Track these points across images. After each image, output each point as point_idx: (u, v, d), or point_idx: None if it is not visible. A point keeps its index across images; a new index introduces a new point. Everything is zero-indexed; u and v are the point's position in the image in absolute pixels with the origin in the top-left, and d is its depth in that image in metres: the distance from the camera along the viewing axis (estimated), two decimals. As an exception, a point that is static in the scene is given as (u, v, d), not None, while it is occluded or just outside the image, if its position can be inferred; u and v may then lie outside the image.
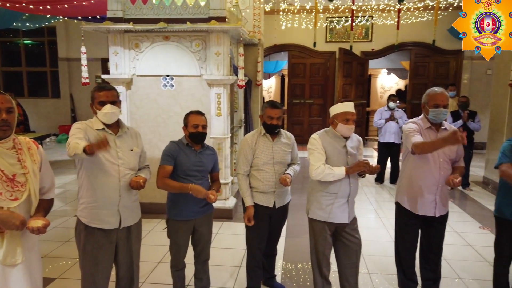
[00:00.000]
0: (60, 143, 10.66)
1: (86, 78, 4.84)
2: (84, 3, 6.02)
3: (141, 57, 4.90)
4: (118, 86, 4.85)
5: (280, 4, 9.27)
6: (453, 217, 4.99)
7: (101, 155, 2.41)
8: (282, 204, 3.16)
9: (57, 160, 8.64)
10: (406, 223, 3.17)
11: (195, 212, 2.91)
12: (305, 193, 3.12)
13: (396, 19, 7.27)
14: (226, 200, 5.10)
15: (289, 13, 9.86)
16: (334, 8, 9.45)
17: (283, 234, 4.34)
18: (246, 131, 6.29)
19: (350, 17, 7.40)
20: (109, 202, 2.47)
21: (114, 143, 2.48)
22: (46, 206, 2.18)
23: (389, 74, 13.92)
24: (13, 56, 12.10)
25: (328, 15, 10.25)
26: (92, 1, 5.89)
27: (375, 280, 3.63)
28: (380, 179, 7.11)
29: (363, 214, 5.41)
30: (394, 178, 6.88)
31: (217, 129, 4.89)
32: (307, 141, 2.93)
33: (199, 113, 2.96)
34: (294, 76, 10.95)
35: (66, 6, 6.16)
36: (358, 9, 9.46)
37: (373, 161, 7.15)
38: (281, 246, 4.20)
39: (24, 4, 5.87)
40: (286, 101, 11.69)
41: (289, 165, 3.17)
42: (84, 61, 4.84)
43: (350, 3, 7.40)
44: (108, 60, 4.93)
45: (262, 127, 3.10)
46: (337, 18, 10.37)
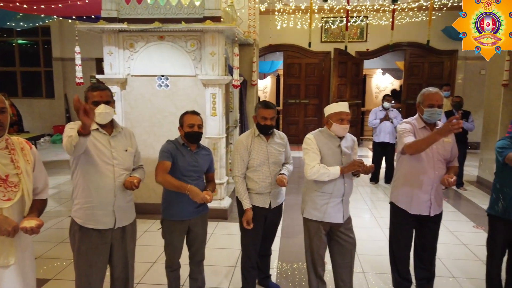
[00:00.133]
0: (54, 144, 10.60)
1: (81, 78, 4.82)
2: (78, 3, 6.00)
3: (135, 57, 4.89)
4: (113, 86, 4.83)
5: (275, 4, 9.28)
6: (447, 216, 5.02)
7: (96, 155, 2.40)
8: (277, 204, 3.17)
9: (51, 160, 8.59)
10: (400, 223, 3.18)
11: (190, 212, 2.91)
12: (300, 193, 3.12)
13: (390, 20, 7.30)
14: (221, 200, 5.09)
15: (284, 13, 9.87)
16: (329, 8, 9.47)
17: (279, 234, 4.34)
18: (242, 131, 6.28)
19: (345, 17, 7.43)
20: (104, 202, 2.46)
21: (109, 144, 2.48)
22: (39, 206, 2.17)
23: (384, 74, 13.97)
24: (6, 56, 12.01)
25: (323, 15, 10.27)
26: (86, 0, 5.87)
27: (370, 279, 3.65)
28: (375, 179, 7.14)
29: (358, 214, 5.43)
30: (389, 178, 6.92)
31: (212, 129, 4.88)
32: (303, 141, 2.94)
33: (195, 113, 2.96)
34: (290, 76, 10.96)
35: (60, 5, 6.13)
36: (353, 9, 9.49)
37: (368, 160, 7.17)
38: (276, 246, 4.20)
39: (18, 3, 5.83)
40: (281, 101, 11.71)
41: (282, 164, 3.17)
42: (78, 61, 4.82)
43: (345, 4, 7.41)
44: (102, 60, 4.91)
45: (256, 128, 3.09)
46: (332, 18, 10.39)
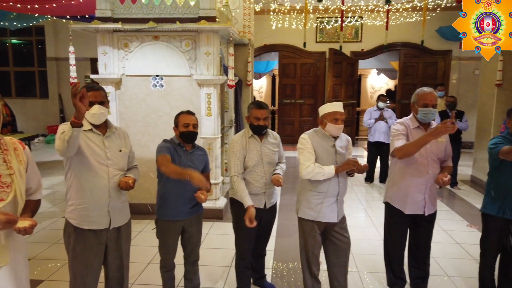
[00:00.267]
0: (48, 144, 10.54)
1: (75, 78, 4.80)
2: (72, 2, 5.97)
3: (130, 57, 4.87)
4: (107, 86, 4.81)
5: (270, 4, 9.28)
6: (441, 215, 5.05)
7: (90, 156, 2.39)
8: (271, 204, 3.17)
9: (45, 161, 8.54)
10: (395, 222, 3.20)
11: (185, 212, 2.91)
12: (295, 193, 3.13)
13: (385, 20, 7.33)
14: (216, 200, 5.09)
15: (279, 13, 9.88)
16: (324, 8, 9.50)
17: (274, 234, 4.35)
18: (237, 131, 6.28)
19: (340, 17, 7.45)
20: (98, 203, 2.45)
21: (103, 144, 2.47)
22: (33, 207, 2.16)
23: (379, 74, 14.03)
24: (0, 55, 11.92)
25: (318, 16, 10.29)
26: (80, 0, 5.84)
27: (365, 278, 3.66)
28: (369, 178, 7.17)
29: (353, 213, 5.45)
30: (383, 177, 6.94)
31: (207, 129, 4.88)
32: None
33: (190, 112, 2.96)
34: (285, 76, 10.97)
35: (54, 5, 6.10)
36: (348, 9, 9.51)
37: (363, 160, 7.20)
38: (271, 245, 4.21)
39: (11, 3, 5.79)
40: (277, 101, 11.72)
41: (276, 164, 3.17)
42: (72, 61, 4.79)
43: (340, 4, 7.44)
44: (97, 59, 4.90)
45: (249, 129, 3.07)
46: (327, 19, 10.42)
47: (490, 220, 3.03)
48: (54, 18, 8.25)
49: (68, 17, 7.34)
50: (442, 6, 8.99)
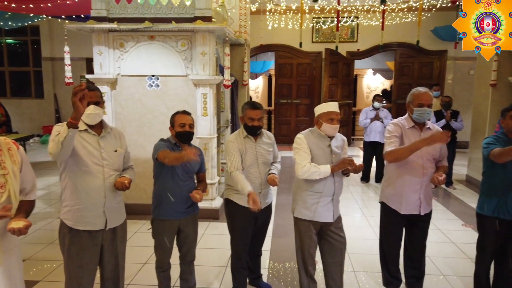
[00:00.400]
0: (44, 144, 10.48)
1: (70, 78, 4.79)
2: (67, 2, 5.94)
3: (126, 56, 4.86)
4: (103, 86, 4.80)
5: (266, 4, 9.29)
6: (436, 215, 5.07)
7: (85, 156, 2.38)
8: (266, 204, 3.17)
9: (40, 161, 8.49)
10: (391, 222, 3.21)
11: (180, 212, 2.90)
12: (292, 193, 3.13)
13: (381, 20, 7.35)
14: (212, 200, 5.08)
15: (275, 13, 9.89)
16: (320, 8, 9.51)
17: (270, 233, 4.36)
18: (233, 131, 6.27)
19: (336, 17, 7.47)
20: (94, 204, 2.44)
21: (98, 144, 2.46)
22: (27, 207, 2.15)
23: (375, 74, 14.07)
24: (-5, 55, 11.86)
25: (314, 16, 10.31)
26: (75, 0, 5.82)
27: (360, 278, 3.67)
28: (365, 178, 7.18)
29: (349, 213, 5.46)
30: (379, 177, 6.96)
31: (203, 129, 4.87)
32: (294, 140, 2.95)
33: (186, 112, 2.95)
34: (281, 76, 10.98)
35: (50, 5, 6.07)
36: (344, 9, 9.53)
37: (359, 160, 7.22)
38: (267, 245, 4.21)
39: (6, 2, 5.76)
40: (273, 101, 11.73)
41: (270, 164, 3.17)
42: (67, 60, 4.77)
43: (336, 4, 7.45)
44: (93, 59, 4.88)
45: (244, 129, 3.06)
46: (323, 19, 10.44)
47: (485, 221, 3.02)
48: (49, 17, 8.22)
49: (63, 16, 7.31)
50: (438, 7, 9.03)
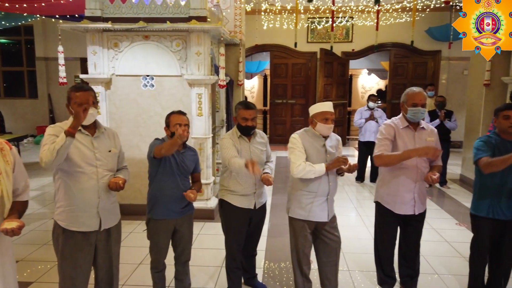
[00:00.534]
0: (38, 144, 10.41)
1: (64, 78, 4.76)
2: (61, 2, 5.91)
3: (120, 56, 4.84)
4: (97, 86, 4.78)
5: (261, 4, 9.29)
6: (430, 214, 5.09)
7: (78, 157, 2.37)
8: (261, 204, 3.18)
9: (34, 161, 8.43)
10: (385, 222, 3.22)
11: (176, 212, 2.90)
12: (286, 192, 3.13)
13: (375, 20, 7.38)
14: (207, 200, 5.08)
15: (270, 13, 9.89)
16: (315, 8, 9.53)
17: (265, 233, 4.36)
18: (228, 131, 6.28)
19: (331, 18, 7.48)
20: (88, 204, 2.43)
21: (91, 145, 2.45)
22: (20, 208, 2.13)
23: (369, 74, 14.12)
24: (-12, 55, 11.78)
25: (309, 16, 10.33)
26: (69, -1, 5.79)
27: (355, 277, 3.68)
28: (360, 178, 7.21)
29: (344, 213, 5.47)
30: (374, 177, 6.98)
31: (198, 129, 4.87)
32: (289, 140, 2.95)
33: (181, 112, 2.94)
34: (276, 76, 10.99)
35: (43, 4, 6.03)
36: (338, 10, 9.56)
37: (354, 160, 7.24)
38: (262, 245, 4.21)
39: (-1, 2, 5.73)
40: (268, 101, 11.73)
41: (264, 163, 3.17)
42: (61, 60, 4.74)
43: (330, 4, 7.47)
44: (87, 59, 4.85)
45: (237, 129, 3.06)
46: (318, 19, 10.46)
47: (479, 221, 3.05)
48: (43, 17, 8.17)
49: (57, 16, 7.27)
50: (431, 7, 9.09)
